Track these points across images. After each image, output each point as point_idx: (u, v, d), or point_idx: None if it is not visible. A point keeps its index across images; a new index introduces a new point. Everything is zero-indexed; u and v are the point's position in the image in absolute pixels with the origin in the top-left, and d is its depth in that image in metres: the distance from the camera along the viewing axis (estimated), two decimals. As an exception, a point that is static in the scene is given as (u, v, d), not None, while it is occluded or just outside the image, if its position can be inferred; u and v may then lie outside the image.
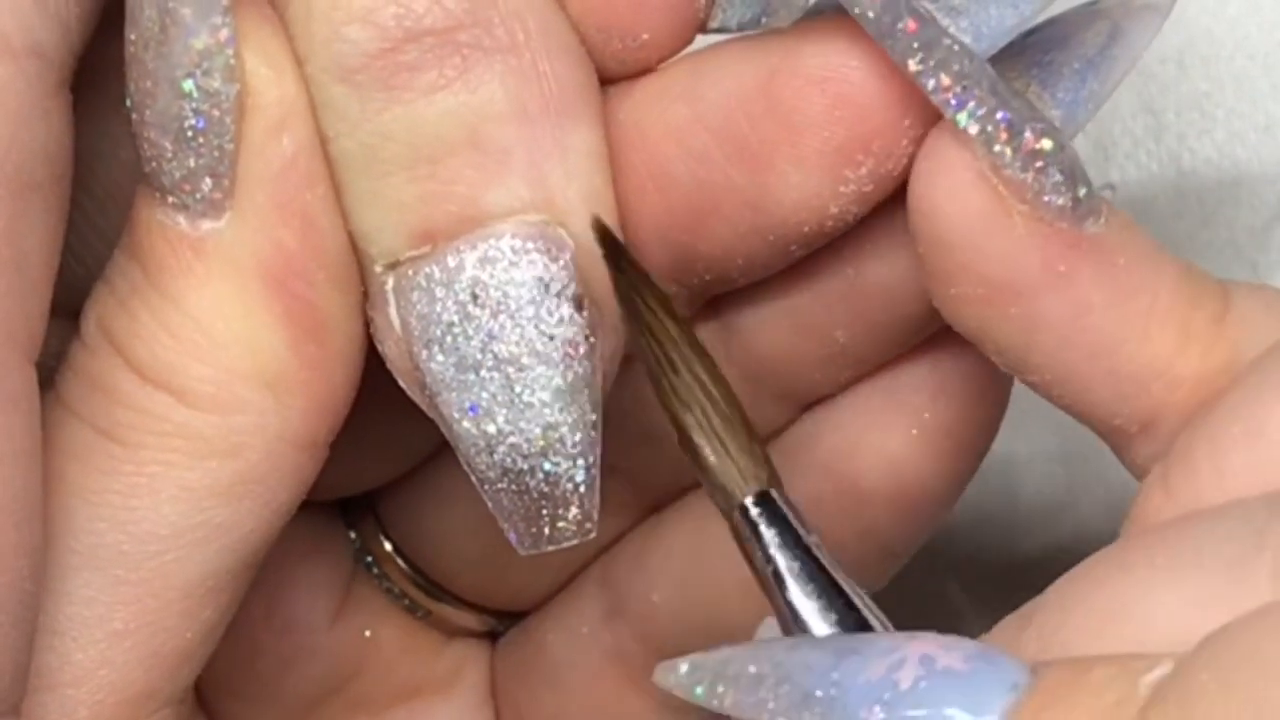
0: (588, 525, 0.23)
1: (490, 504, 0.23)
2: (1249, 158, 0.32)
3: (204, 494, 0.22)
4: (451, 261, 0.22)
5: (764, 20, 0.24)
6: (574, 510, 0.23)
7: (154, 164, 0.22)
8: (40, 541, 0.21)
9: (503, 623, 0.30)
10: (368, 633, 0.29)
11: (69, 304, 0.23)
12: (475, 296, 0.22)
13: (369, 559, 0.29)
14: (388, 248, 0.22)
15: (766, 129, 0.23)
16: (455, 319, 0.22)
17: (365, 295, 0.23)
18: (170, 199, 0.22)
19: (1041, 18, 0.24)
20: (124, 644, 0.22)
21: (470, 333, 0.22)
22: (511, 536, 0.23)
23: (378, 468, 0.28)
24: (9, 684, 0.21)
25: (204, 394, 0.22)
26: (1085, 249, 0.22)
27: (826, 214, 0.23)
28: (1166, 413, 0.23)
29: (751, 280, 0.24)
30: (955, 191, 0.22)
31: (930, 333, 0.25)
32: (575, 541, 0.23)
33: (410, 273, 0.22)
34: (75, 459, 0.22)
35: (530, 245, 0.22)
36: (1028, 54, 0.24)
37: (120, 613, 0.22)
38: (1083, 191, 0.22)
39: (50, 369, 0.23)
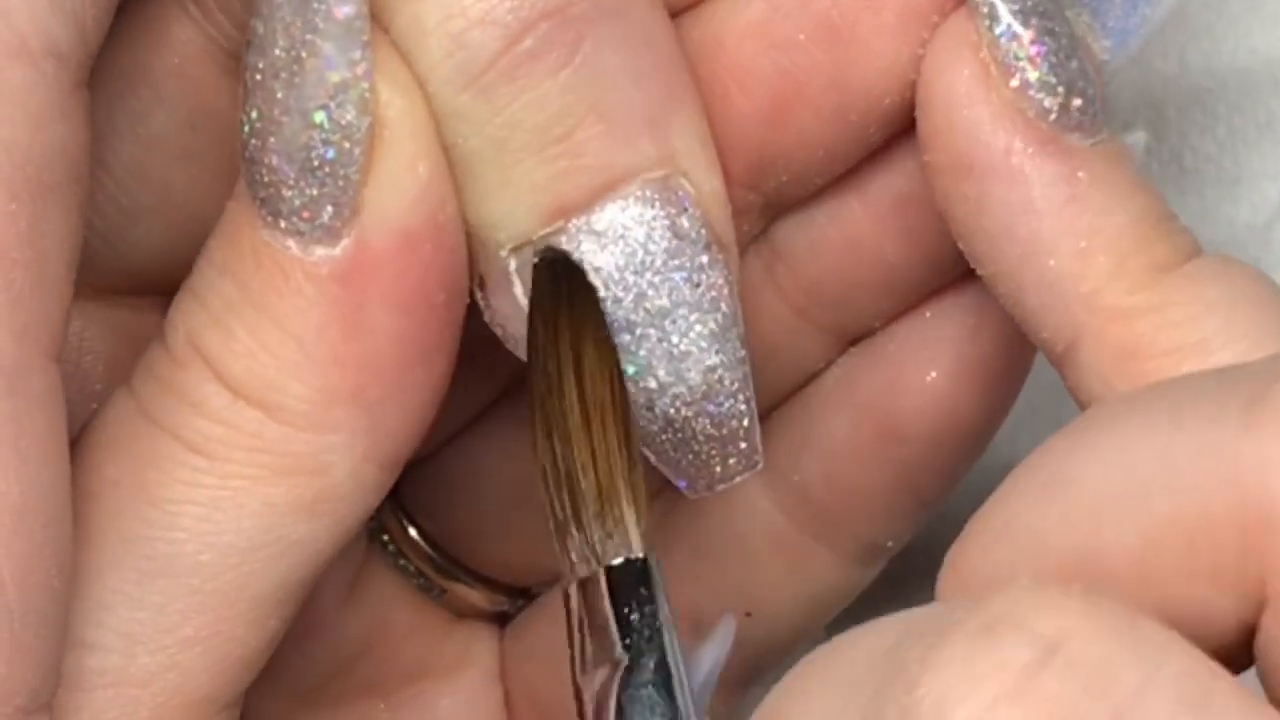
0: (756, 458, 0.23)
1: (655, 457, 0.23)
2: (1250, 155, 0.32)
3: (285, 510, 0.22)
4: (587, 229, 0.22)
5: None
6: (742, 444, 0.23)
7: (271, 190, 0.22)
8: (69, 540, 0.21)
9: (514, 603, 0.30)
10: (374, 613, 0.29)
11: (97, 283, 0.23)
12: (616, 260, 0.22)
13: (385, 538, 0.29)
14: (520, 230, 0.23)
15: (845, 4, 0.23)
16: (601, 283, 0.22)
17: (481, 283, 0.23)
18: (283, 223, 0.22)
19: None
20: (193, 650, 0.22)
21: (620, 295, 0.22)
22: (682, 484, 0.23)
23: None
24: (40, 681, 0.21)
25: (299, 412, 0.22)
26: (1051, 151, 0.23)
27: (906, 82, 0.23)
28: (1085, 339, 0.23)
29: (827, 179, 0.25)
30: (950, 56, 0.23)
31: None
32: (746, 475, 0.23)
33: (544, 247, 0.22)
34: (155, 468, 0.22)
35: (659, 199, 0.22)
36: None
37: (193, 620, 0.22)
38: (1078, 104, 0.23)
39: (70, 358, 0.23)
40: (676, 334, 0.22)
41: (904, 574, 0.36)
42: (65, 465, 0.21)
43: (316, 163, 0.21)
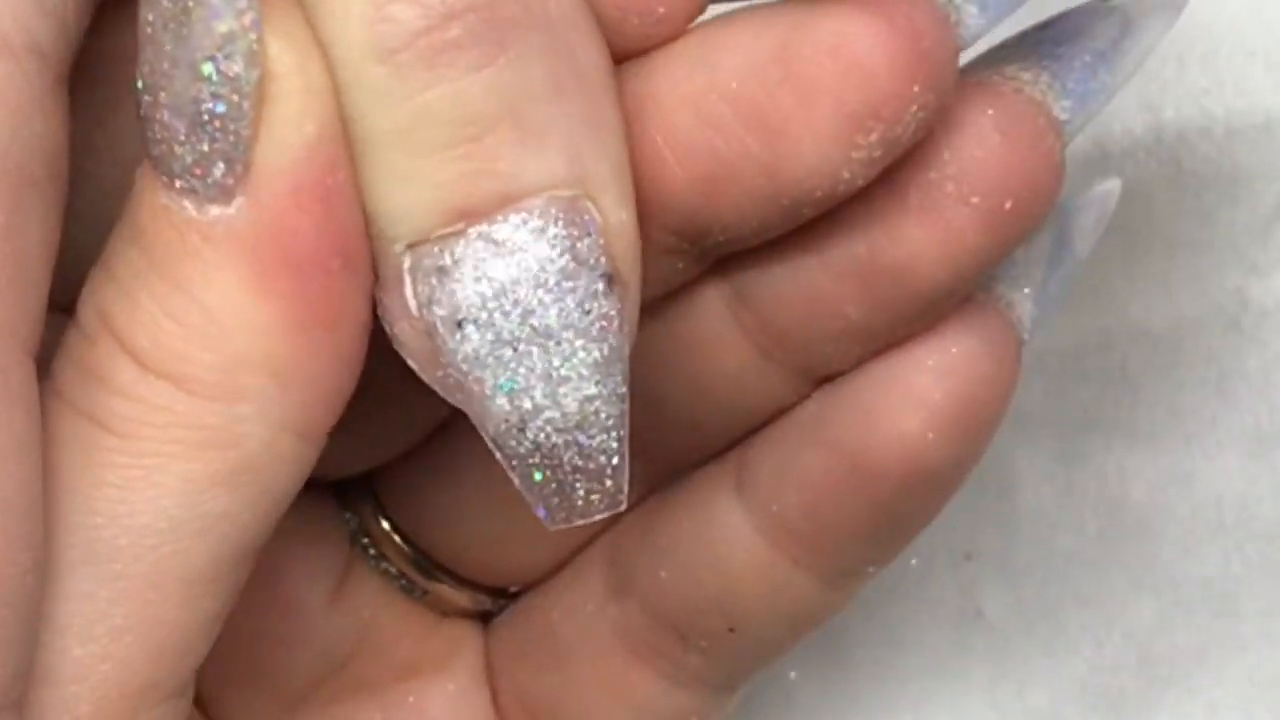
0: (620, 497, 0.23)
1: (519, 481, 0.23)
2: (1249, 156, 0.32)
3: (203, 485, 0.22)
4: (486, 237, 0.22)
5: None
6: (607, 482, 0.23)
7: (164, 147, 0.21)
8: (42, 536, 0.21)
9: (497, 602, 0.30)
10: (360, 616, 0.29)
11: (67, 299, 0.23)
12: (510, 273, 0.22)
13: (365, 540, 0.29)
14: (419, 226, 0.22)
15: (781, 96, 0.23)
16: (491, 295, 0.22)
17: (375, 278, 0.23)
18: (178, 183, 0.21)
19: (1056, 9, 0.24)
20: (125, 639, 0.22)
21: (507, 308, 0.22)
22: (541, 512, 0.23)
23: (379, 447, 0.28)
24: (11, 678, 0.21)
25: (208, 382, 0.22)
26: None
27: (839, 179, 0.23)
28: None
29: (764, 239, 0.25)
30: None
31: (943, 313, 0.25)
32: (607, 514, 0.23)
33: (438, 250, 0.22)
34: (71, 452, 0.22)
35: (563, 219, 0.22)
36: (1041, 46, 0.24)
37: (121, 608, 0.22)
38: None
39: (46, 364, 0.23)
40: (559, 357, 0.22)
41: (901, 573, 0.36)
42: (39, 461, 0.21)
43: (206, 116, 0.21)
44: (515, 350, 0.22)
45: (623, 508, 0.23)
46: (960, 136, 0.24)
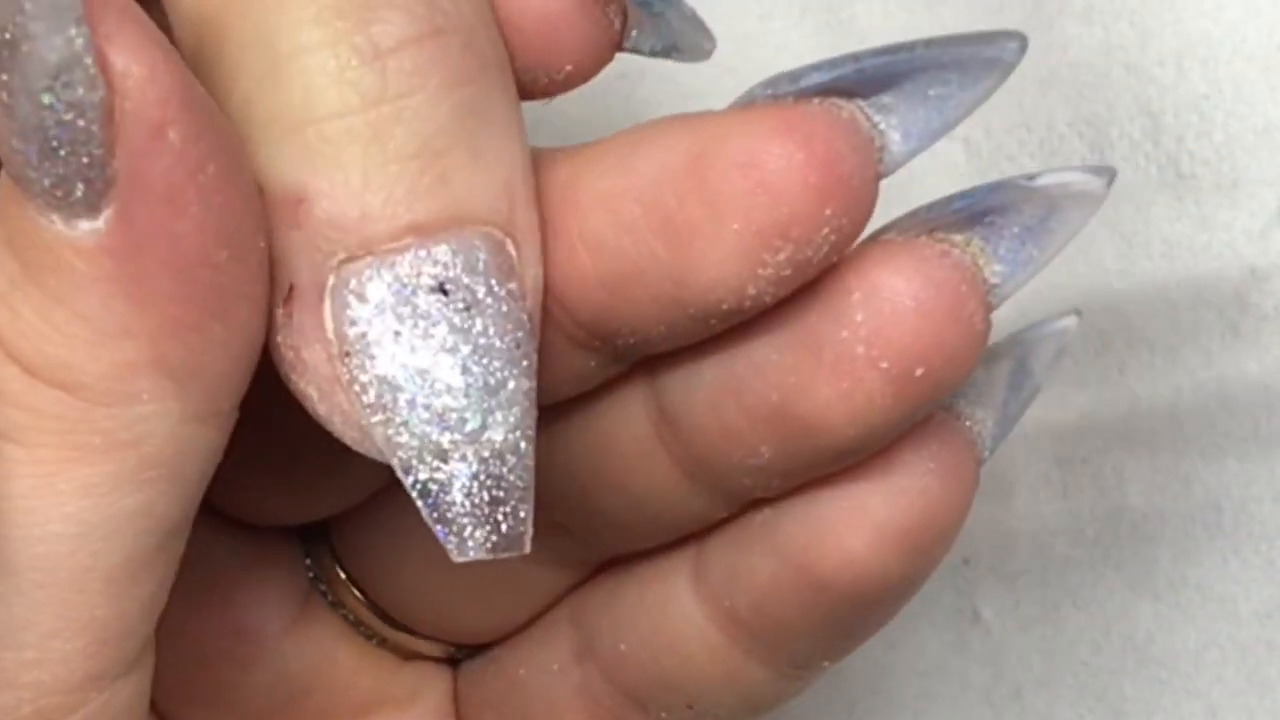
0: (524, 537, 0.22)
1: (426, 512, 0.22)
2: (1247, 161, 0.32)
3: (109, 488, 0.21)
4: (425, 258, 0.22)
5: (674, 55, 0.25)
6: (513, 519, 0.22)
7: (20, 170, 0.21)
8: None
9: (462, 650, 0.30)
10: (319, 651, 0.29)
11: None
12: (440, 297, 0.22)
13: (323, 587, 0.29)
14: (368, 236, 0.22)
15: (690, 207, 0.23)
16: (419, 317, 0.22)
17: (288, 294, 0.22)
18: (39, 201, 0.21)
19: (989, 180, 0.24)
20: (55, 641, 0.22)
21: (430, 332, 0.22)
22: (449, 545, 0.22)
23: (329, 497, 0.28)
24: None
25: (99, 390, 0.21)
26: None
27: (744, 295, 0.23)
28: None
29: (675, 346, 0.24)
30: None
31: (859, 461, 0.25)
32: (512, 553, 0.22)
33: (370, 266, 0.22)
34: None
35: (494, 260, 0.22)
36: (972, 215, 0.24)
37: (45, 613, 0.21)
38: None
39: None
40: (478, 388, 0.22)
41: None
42: None
43: (55, 143, 0.20)
44: (434, 375, 0.22)
45: (526, 549, 0.22)
46: (875, 300, 0.23)
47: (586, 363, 0.24)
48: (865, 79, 0.23)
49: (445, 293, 0.22)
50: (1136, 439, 0.34)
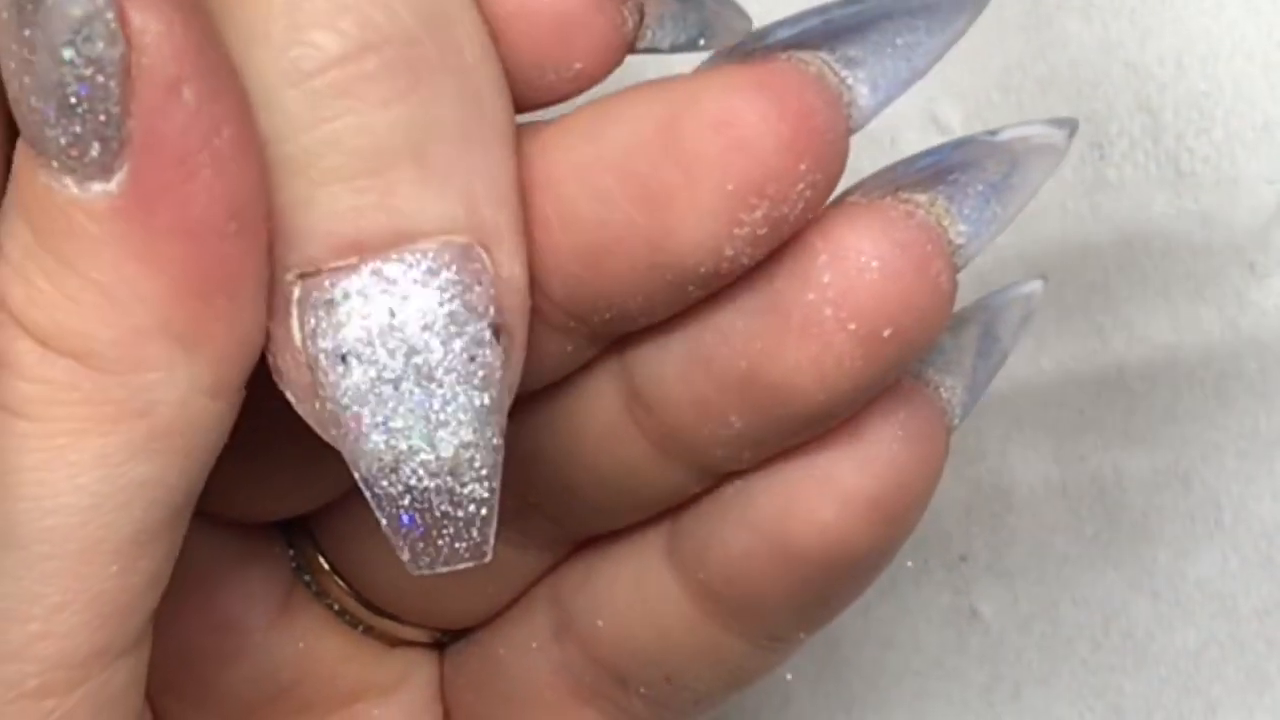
0: (485, 549, 0.22)
1: (385, 522, 0.22)
2: (1247, 158, 0.32)
3: (120, 459, 0.21)
4: (378, 274, 0.22)
5: (702, 43, 0.25)
6: (474, 532, 0.22)
7: (36, 130, 0.21)
8: None
9: (446, 634, 0.30)
10: (305, 642, 0.29)
11: None
12: (399, 312, 0.22)
13: (307, 578, 0.29)
14: (311, 255, 0.22)
15: (665, 171, 0.23)
16: (378, 332, 0.22)
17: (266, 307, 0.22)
18: (55, 164, 0.21)
19: (952, 139, 0.24)
20: (63, 614, 0.22)
21: (392, 346, 0.22)
22: (405, 555, 0.22)
23: (310, 491, 0.28)
24: None
25: (111, 357, 0.21)
26: None
27: (722, 256, 0.23)
28: None
29: (652, 320, 0.24)
30: None
31: (830, 428, 0.25)
32: (471, 564, 0.23)
33: (328, 284, 0.22)
34: None
35: (456, 265, 0.22)
36: (937, 174, 0.24)
37: (54, 586, 0.22)
38: None
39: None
40: (439, 400, 0.22)
41: (893, 578, 0.36)
42: None
43: (73, 100, 0.20)
44: (396, 389, 0.22)
45: (487, 559, 0.23)
46: (842, 261, 0.23)
47: (564, 347, 0.24)
48: (833, 31, 0.23)
49: (394, 312, 0.22)
50: (1135, 436, 0.34)
